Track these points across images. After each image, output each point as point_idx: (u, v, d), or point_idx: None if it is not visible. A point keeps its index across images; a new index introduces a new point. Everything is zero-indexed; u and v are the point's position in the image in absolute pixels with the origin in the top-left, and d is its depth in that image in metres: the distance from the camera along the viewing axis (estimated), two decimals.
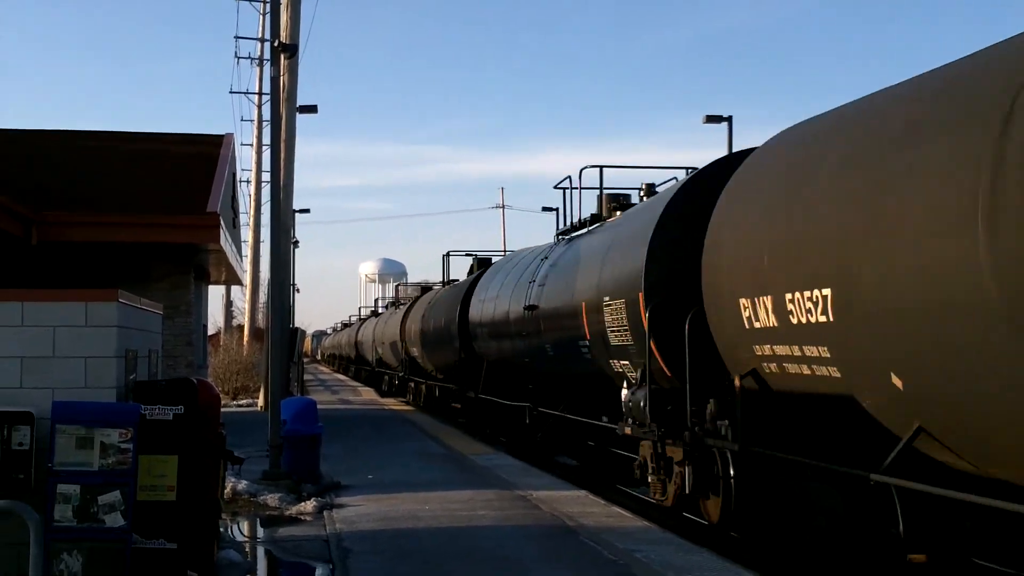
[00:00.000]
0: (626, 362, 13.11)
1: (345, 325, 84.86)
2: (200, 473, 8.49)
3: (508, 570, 9.32)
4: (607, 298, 13.35)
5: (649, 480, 12.68)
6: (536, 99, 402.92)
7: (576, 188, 17.87)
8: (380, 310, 56.23)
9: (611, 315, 13.17)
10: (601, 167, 17.50)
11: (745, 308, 9.75)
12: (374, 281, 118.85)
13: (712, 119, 23.04)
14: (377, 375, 48.47)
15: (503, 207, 72.36)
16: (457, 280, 32.10)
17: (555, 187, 18.93)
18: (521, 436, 20.44)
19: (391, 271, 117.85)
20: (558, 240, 18.97)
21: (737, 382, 10.24)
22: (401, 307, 41.03)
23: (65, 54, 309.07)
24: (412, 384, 35.92)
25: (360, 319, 66.27)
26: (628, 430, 12.80)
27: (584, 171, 17.60)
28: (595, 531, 11.03)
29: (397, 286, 54.48)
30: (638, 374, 12.50)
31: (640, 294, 12.05)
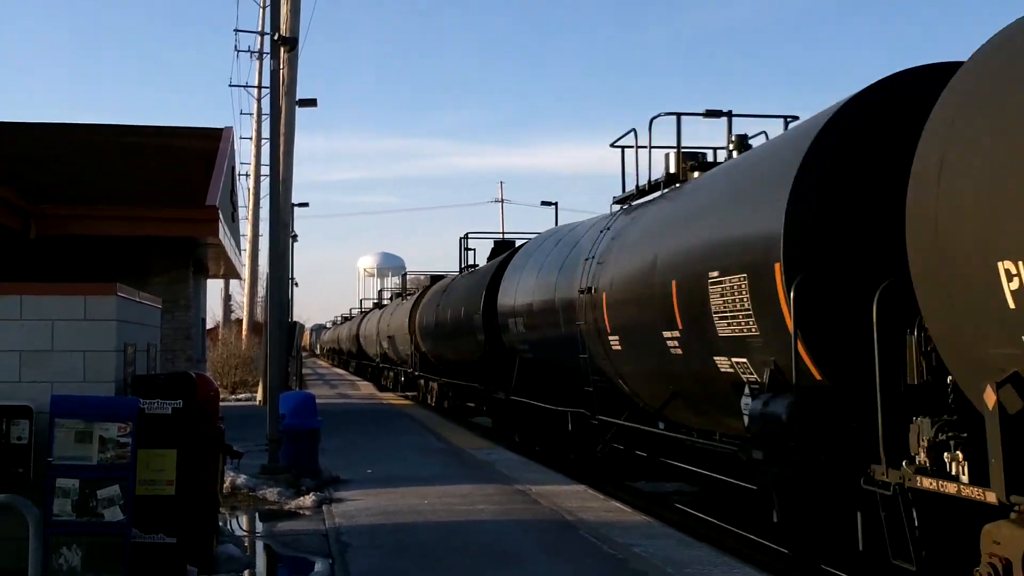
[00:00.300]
0: (743, 359, 9.92)
1: (345, 319, 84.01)
2: (199, 467, 8.49)
3: (507, 564, 9.31)
4: (715, 274, 10.20)
5: (775, 520, 9.28)
6: (536, 95, 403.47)
7: (644, 147, 14.14)
8: (384, 302, 53.52)
9: (721, 296, 10.07)
10: (679, 114, 13.73)
11: (1012, 276, 6.19)
12: (372, 275, 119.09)
13: (711, 113, 22.99)
14: (382, 371, 47.14)
15: (502, 201, 72.51)
16: (476, 266, 28.26)
17: (612, 145, 15.28)
18: (563, 447, 17.30)
19: (390, 265, 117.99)
20: (618, 209, 15.58)
21: (991, 397, 6.50)
22: (409, 298, 37.82)
23: (64, 47, 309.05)
24: (422, 382, 33.31)
25: (362, 312, 64.40)
26: (759, 455, 9.32)
27: (655, 120, 13.83)
28: (594, 525, 11.02)
29: (404, 275, 53.07)
30: (764, 376, 9.45)
31: (777, 265, 8.89)
